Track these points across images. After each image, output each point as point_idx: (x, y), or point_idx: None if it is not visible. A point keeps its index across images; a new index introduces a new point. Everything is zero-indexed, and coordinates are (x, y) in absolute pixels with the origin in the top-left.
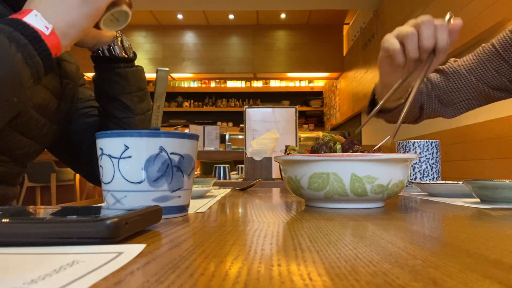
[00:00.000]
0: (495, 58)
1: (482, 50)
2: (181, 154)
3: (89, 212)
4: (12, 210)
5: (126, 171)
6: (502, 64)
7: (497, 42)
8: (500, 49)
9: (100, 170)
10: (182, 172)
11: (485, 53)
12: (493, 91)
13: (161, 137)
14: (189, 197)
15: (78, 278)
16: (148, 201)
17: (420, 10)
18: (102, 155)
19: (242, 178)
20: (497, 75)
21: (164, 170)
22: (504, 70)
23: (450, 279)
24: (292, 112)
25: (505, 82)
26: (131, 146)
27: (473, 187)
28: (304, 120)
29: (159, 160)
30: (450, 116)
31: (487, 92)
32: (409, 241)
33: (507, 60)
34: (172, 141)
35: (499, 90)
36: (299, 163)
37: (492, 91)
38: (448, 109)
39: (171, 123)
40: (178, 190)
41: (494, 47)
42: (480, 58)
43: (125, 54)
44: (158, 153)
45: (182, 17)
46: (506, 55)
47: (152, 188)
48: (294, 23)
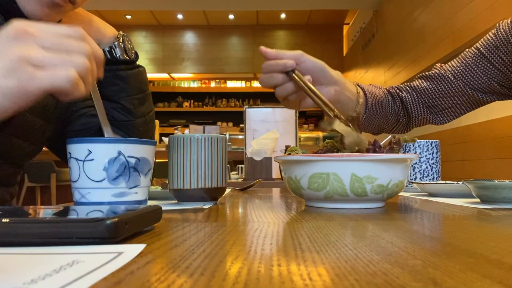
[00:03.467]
0: (481, 62)
1: (467, 55)
2: (137, 157)
3: (89, 212)
4: (12, 210)
5: (90, 172)
6: (489, 68)
7: (482, 45)
8: (485, 53)
9: (69, 171)
10: (139, 172)
11: (471, 57)
12: (482, 95)
13: (119, 143)
14: (146, 193)
15: (78, 278)
16: (109, 196)
17: (420, 10)
18: (70, 158)
19: (242, 178)
20: (485, 78)
21: (122, 170)
22: (492, 73)
23: (450, 279)
24: (292, 112)
25: (494, 85)
26: (93, 151)
27: (473, 187)
28: (304, 120)
29: (118, 162)
30: (440, 123)
31: (476, 97)
32: (409, 241)
33: (493, 63)
34: (129, 146)
35: (488, 93)
36: (299, 163)
37: (481, 95)
38: (437, 115)
39: (171, 123)
40: (135, 187)
41: (479, 51)
42: (467, 62)
43: (127, 56)
44: (117, 156)
45: (182, 17)
46: (492, 58)
47: (111, 186)
48: (294, 23)
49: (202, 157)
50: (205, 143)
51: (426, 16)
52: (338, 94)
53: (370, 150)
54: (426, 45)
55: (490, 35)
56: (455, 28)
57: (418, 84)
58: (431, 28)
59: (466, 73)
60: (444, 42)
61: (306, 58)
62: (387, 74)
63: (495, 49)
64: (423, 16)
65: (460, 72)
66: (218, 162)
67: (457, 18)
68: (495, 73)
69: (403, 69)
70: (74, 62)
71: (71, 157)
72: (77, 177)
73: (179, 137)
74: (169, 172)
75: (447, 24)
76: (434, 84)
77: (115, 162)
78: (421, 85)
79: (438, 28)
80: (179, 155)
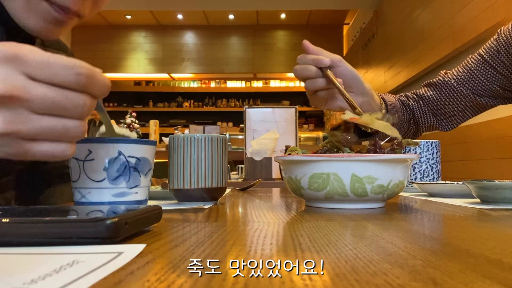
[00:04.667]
0: (484, 67)
1: (470, 61)
2: (137, 157)
3: (89, 212)
4: (12, 210)
5: (90, 171)
6: (492, 72)
7: (484, 51)
8: (488, 58)
9: (69, 171)
10: (139, 172)
11: (474, 63)
12: (485, 99)
13: (120, 143)
14: (146, 193)
15: (78, 278)
16: (109, 196)
17: (420, 10)
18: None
19: (242, 178)
20: (488, 83)
21: (122, 170)
22: (495, 78)
23: (450, 279)
24: (292, 112)
25: (497, 89)
26: (94, 151)
27: (473, 187)
28: (304, 120)
29: (118, 162)
30: (447, 129)
31: (480, 102)
32: (409, 241)
33: (495, 67)
34: (130, 146)
35: (491, 98)
36: (299, 163)
37: (485, 100)
38: (444, 122)
39: (171, 123)
40: (135, 187)
41: (481, 57)
42: (470, 69)
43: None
44: (117, 156)
45: (182, 17)
46: (494, 62)
47: (112, 186)
48: (294, 23)
49: (202, 157)
50: (205, 143)
51: (426, 16)
52: (365, 104)
53: (371, 151)
54: (426, 45)
55: (492, 41)
56: (455, 28)
57: (423, 92)
58: (431, 28)
59: (469, 79)
60: (444, 42)
61: (343, 64)
62: (387, 74)
63: (497, 54)
64: (423, 16)
65: (464, 79)
66: (218, 162)
67: (457, 18)
68: (497, 77)
69: (403, 69)
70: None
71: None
72: (77, 177)
73: (179, 137)
74: (169, 172)
75: (447, 24)
76: (439, 91)
77: (116, 162)
78: (426, 93)
79: (438, 28)
80: (179, 155)
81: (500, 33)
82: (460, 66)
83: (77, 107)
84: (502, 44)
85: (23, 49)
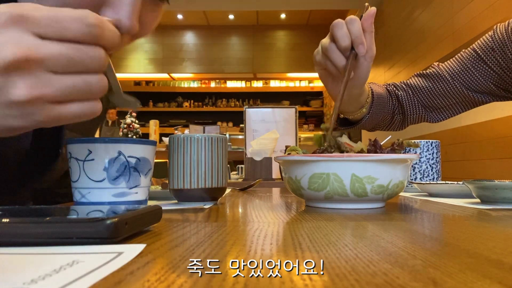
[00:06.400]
0: (478, 63)
1: (464, 56)
2: (137, 157)
3: (89, 212)
4: (12, 210)
5: (90, 171)
6: (486, 69)
7: (478, 47)
8: (482, 54)
9: (70, 171)
10: (139, 172)
11: (468, 58)
12: (478, 95)
13: (120, 142)
14: (146, 193)
15: (78, 278)
16: (109, 196)
17: (420, 10)
18: (70, 158)
19: (242, 178)
20: (482, 79)
21: (122, 170)
22: (488, 75)
23: (450, 279)
24: (292, 112)
25: (490, 86)
26: (93, 151)
27: (473, 187)
28: (304, 120)
29: (118, 162)
30: (435, 121)
31: (472, 97)
32: (409, 241)
33: (489, 65)
34: (130, 146)
35: (484, 94)
36: (299, 163)
37: (477, 96)
38: (433, 113)
39: (171, 123)
40: (135, 187)
41: (476, 52)
42: (464, 63)
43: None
44: (117, 156)
45: (182, 17)
46: (488, 60)
47: (112, 186)
48: (294, 23)
49: (202, 157)
50: (205, 143)
51: (426, 16)
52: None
53: (371, 151)
54: (426, 45)
55: (487, 37)
56: (455, 28)
57: (414, 82)
58: (431, 28)
59: (462, 73)
60: (444, 42)
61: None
62: (387, 74)
63: (491, 51)
64: (423, 16)
65: (457, 72)
66: (218, 162)
67: (457, 18)
68: (491, 74)
69: (403, 69)
70: (93, 89)
71: (71, 157)
72: (78, 177)
73: (179, 137)
74: (169, 172)
75: (447, 24)
76: (431, 83)
77: (115, 162)
78: (417, 83)
79: (438, 28)
80: (179, 155)
81: (496, 30)
82: (454, 60)
83: (94, 60)
84: (497, 42)
85: (28, 7)
